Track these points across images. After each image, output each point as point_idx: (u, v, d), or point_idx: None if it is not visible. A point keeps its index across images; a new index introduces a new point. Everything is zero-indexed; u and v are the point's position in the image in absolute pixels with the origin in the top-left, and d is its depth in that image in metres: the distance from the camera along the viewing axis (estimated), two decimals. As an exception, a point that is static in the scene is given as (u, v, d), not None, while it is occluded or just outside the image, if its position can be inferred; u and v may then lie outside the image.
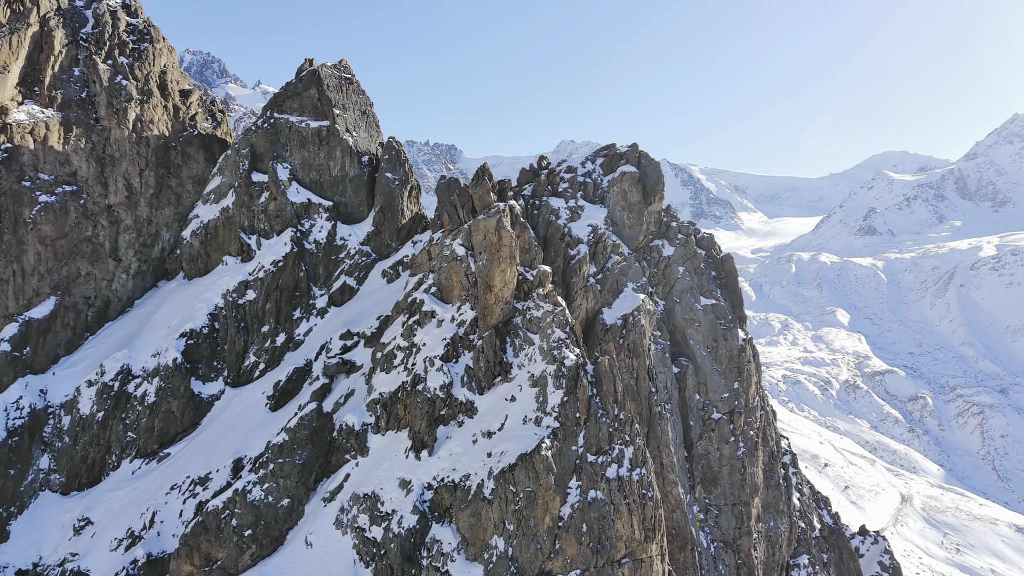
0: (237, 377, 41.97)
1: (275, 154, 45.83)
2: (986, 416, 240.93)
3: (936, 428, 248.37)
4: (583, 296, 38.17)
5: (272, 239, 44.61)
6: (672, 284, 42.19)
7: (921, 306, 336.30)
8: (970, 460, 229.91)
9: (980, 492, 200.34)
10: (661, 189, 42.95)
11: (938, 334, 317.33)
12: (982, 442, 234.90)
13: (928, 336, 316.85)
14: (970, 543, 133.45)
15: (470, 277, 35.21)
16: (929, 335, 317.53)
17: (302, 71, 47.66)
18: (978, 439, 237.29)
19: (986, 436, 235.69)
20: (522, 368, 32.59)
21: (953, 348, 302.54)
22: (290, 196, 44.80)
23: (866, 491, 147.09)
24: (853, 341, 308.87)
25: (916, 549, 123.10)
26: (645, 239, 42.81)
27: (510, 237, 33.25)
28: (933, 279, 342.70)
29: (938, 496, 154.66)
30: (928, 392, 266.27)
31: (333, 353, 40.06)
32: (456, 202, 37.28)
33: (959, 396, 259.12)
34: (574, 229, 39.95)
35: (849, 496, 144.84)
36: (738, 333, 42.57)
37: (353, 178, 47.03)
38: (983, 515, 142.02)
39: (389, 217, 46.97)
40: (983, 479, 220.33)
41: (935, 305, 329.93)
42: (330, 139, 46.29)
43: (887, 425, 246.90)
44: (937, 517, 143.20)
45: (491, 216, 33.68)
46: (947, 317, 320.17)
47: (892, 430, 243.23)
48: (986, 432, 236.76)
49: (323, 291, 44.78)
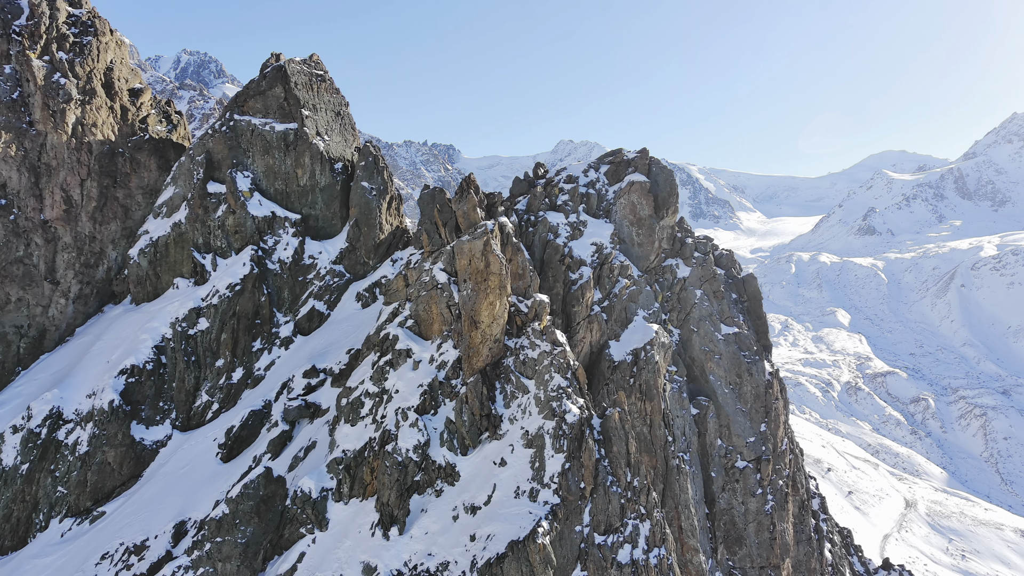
0: (187, 419, 35.92)
1: (235, 161, 39.76)
2: (989, 418, 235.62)
3: (938, 430, 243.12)
4: (587, 328, 32.15)
5: (230, 258, 38.54)
6: (689, 310, 36.17)
7: (922, 306, 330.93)
8: (973, 463, 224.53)
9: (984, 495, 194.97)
10: (675, 201, 36.92)
11: (939, 335, 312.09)
12: (985, 444, 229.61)
13: (929, 337, 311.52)
14: (975, 549, 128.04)
15: (453, 309, 29.21)
16: (930, 336, 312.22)
17: (267, 67, 41.60)
18: (981, 441, 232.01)
19: (989, 438, 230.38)
20: (514, 422, 26.57)
21: (954, 349, 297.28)
22: (251, 209, 38.73)
23: (870, 496, 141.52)
24: (854, 342, 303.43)
25: (921, 555, 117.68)
26: (657, 258, 36.77)
27: (499, 263, 27.22)
28: (934, 279, 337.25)
29: (942, 501, 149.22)
30: (930, 394, 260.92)
31: (295, 394, 34.04)
32: (437, 219, 31.26)
33: (961, 398, 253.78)
34: (576, 249, 33.92)
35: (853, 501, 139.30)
36: (764, 366, 36.57)
37: (324, 188, 40.98)
38: (988, 520, 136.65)
39: (365, 232, 40.92)
40: (986, 482, 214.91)
41: (936, 305, 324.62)
42: (298, 144, 40.24)
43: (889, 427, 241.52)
44: (942, 522, 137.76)
45: (477, 238, 27.66)
46: (948, 318, 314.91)
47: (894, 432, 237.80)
48: (989, 434, 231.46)
49: (288, 317, 38.74)
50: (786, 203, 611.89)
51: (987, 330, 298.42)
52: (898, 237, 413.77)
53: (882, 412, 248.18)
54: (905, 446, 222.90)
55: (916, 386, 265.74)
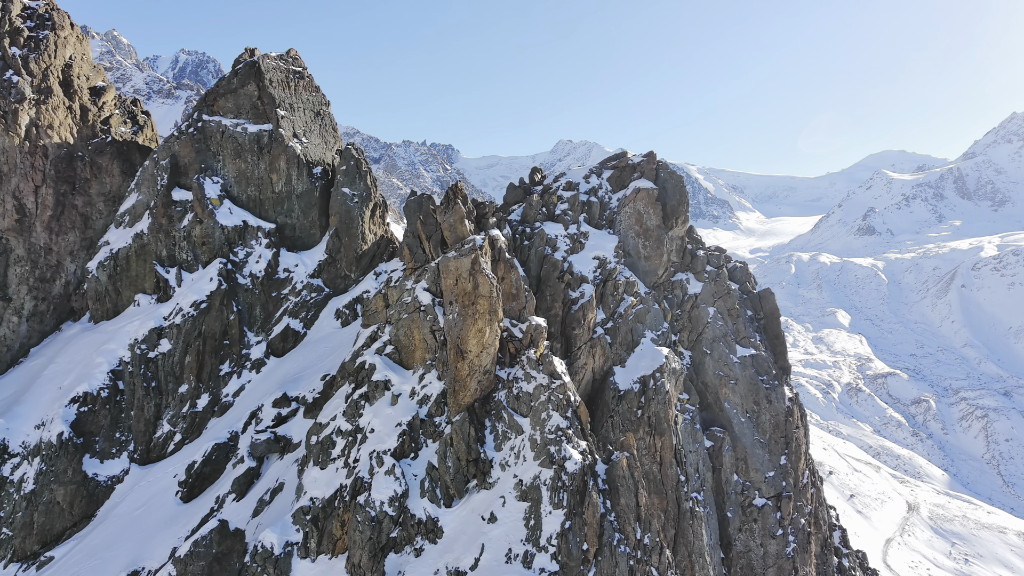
0: (146, 452, 32.26)
1: (203, 165, 36.08)
2: (990, 419, 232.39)
3: (940, 432, 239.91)
4: (588, 353, 28.49)
5: (196, 272, 34.85)
6: (701, 330, 32.53)
7: (922, 307, 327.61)
8: (975, 465, 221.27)
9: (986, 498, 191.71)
10: (685, 209, 33.27)
11: (940, 335, 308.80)
12: (986, 446, 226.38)
13: (930, 338, 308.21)
14: (978, 553, 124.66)
15: (437, 334, 25.56)
16: (931, 336, 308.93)
17: (240, 63, 37.89)
18: (982, 443, 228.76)
19: (990, 440, 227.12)
20: (506, 468, 22.91)
21: (955, 350, 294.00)
22: (220, 218, 35.04)
23: (872, 499, 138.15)
24: (854, 343, 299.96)
25: (924, 560, 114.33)
26: (666, 273, 33.12)
27: (489, 285, 23.57)
28: (934, 279, 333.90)
29: (945, 504, 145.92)
30: (931, 395, 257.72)
31: (264, 425, 30.37)
32: (420, 232, 27.59)
33: (962, 399, 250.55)
34: (576, 264, 30.26)
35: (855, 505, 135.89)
36: (784, 392, 32.94)
37: (302, 194, 37.31)
38: (991, 523, 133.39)
39: (346, 242, 37.25)
40: (988, 484, 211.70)
41: (936, 306, 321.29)
42: (272, 146, 36.56)
43: (890, 429, 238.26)
44: (944, 526, 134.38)
45: (464, 255, 24.00)
46: (949, 318, 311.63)
47: (895, 434, 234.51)
48: (990, 436, 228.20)
49: (260, 337, 35.07)
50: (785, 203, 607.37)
51: (988, 331, 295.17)
52: (898, 237, 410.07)
53: (883, 414, 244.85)
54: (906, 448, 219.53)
55: (917, 387, 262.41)
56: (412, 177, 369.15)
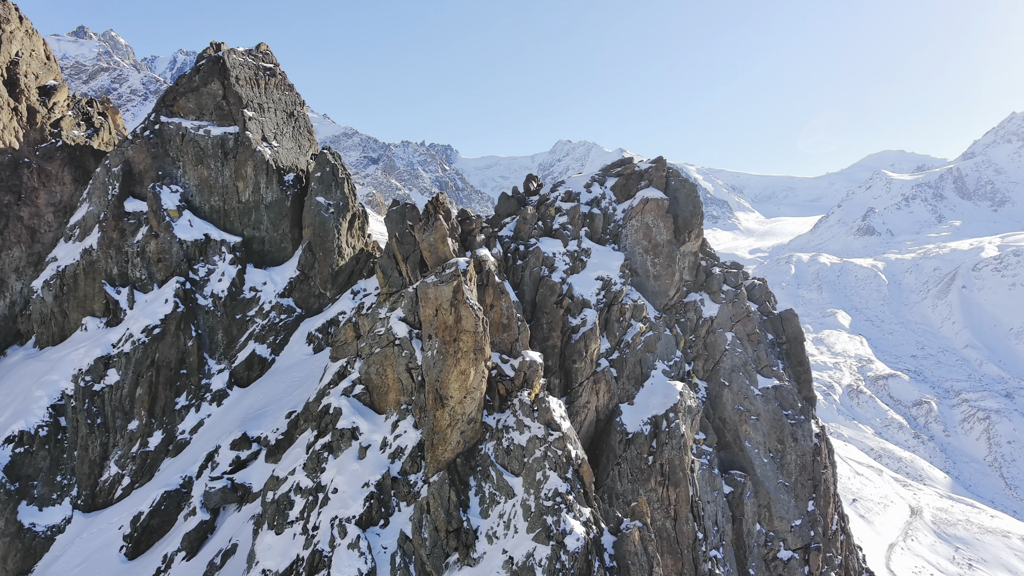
0: (91, 497, 28.27)
1: (160, 173, 32.10)
2: (992, 421, 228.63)
3: (941, 434, 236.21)
4: (591, 389, 24.52)
5: (151, 293, 30.87)
6: (718, 358, 28.56)
7: (923, 308, 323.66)
8: (977, 467, 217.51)
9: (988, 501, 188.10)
10: (699, 222, 29.30)
11: (941, 336, 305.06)
12: (988, 448, 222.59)
13: (931, 339, 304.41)
14: (982, 558, 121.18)
15: (414, 373, 21.60)
16: (932, 338, 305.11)
17: (203, 58, 33.90)
18: (984, 445, 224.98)
19: (992, 442, 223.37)
20: (494, 540, 18.93)
21: (956, 351, 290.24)
22: (178, 231, 31.06)
23: (874, 503, 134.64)
24: (855, 344, 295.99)
25: (928, 565, 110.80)
26: (678, 293, 29.14)
27: (474, 318, 19.60)
28: (935, 280, 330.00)
29: (947, 508, 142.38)
30: (932, 396, 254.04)
31: (221, 470, 26.40)
32: (396, 252, 23.60)
33: (964, 401, 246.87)
34: (577, 286, 26.27)
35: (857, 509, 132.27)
36: (810, 427, 28.99)
37: (271, 204, 33.32)
38: (994, 528, 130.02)
39: (321, 257, 33.28)
40: (991, 487, 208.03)
41: (937, 307, 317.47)
42: (238, 151, 32.58)
43: (891, 431, 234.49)
44: (948, 530, 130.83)
45: (445, 281, 20.03)
46: (949, 319, 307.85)
47: (897, 436, 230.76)
48: (992, 438, 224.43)
49: (222, 365, 31.08)
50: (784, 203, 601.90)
51: (989, 332, 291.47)
52: (898, 237, 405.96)
53: (884, 416, 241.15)
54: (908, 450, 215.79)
55: (918, 389, 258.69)
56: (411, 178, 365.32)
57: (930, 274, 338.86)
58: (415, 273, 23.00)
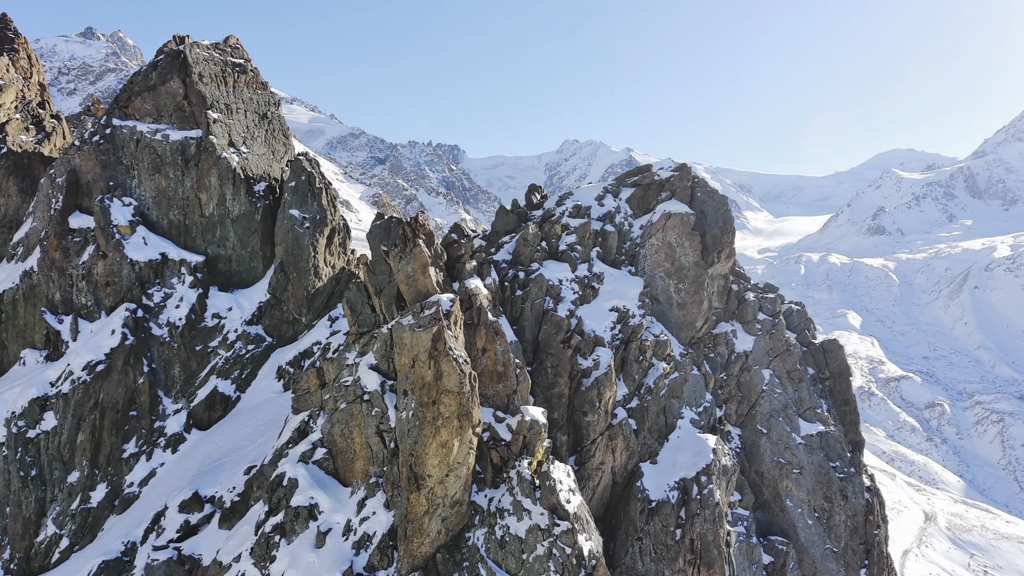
0: (25, 561, 24.06)
1: (112, 183, 27.84)
2: (1006, 424, 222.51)
3: (954, 437, 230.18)
4: (606, 447, 20.06)
5: (98, 322, 26.61)
6: (754, 401, 24.04)
7: (935, 308, 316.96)
8: (991, 471, 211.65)
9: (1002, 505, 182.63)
10: (730, 240, 24.77)
11: (953, 337, 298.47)
12: (1002, 451, 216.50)
13: (943, 340, 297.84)
14: (998, 564, 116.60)
15: (387, 437, 17.21)
16: (943, 338, 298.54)
17: (163, 53, 29.62)
18: (998, 448, 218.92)
19: (1006, 445, 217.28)
20: (483, 664, 14.54)
21: (969, 352, 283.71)
22: (130, 250, 26.78)
23: (888, 509, 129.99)
24: (866, 345, 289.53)
25: (943, 572, 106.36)
26: (706, 324, 24.62)
27: (458, 375, 15.17)
28: (946, 280, 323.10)
29: (962, 513, 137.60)
30: (945, 399, 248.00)
31: (167, 537, 22.10)
32: (367, 283, 19.21)
33: (977, 403, 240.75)
34: (588, 318, 21.81)
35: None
36: (861, 480, 24.43)
37: (239, 218, 29.01)
38: (1010, 534, 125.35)
39: (295, 278, 28.96)
40: (1005, 491, 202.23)
41: (949, 307, 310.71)
42: (201, 157, 28.28)
43: (904, 434, 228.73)
44: (963, 536, 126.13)
45: (424, 326, 15.62)
46: (962, 320, 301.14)
47: (909, 439, 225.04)
48: (1006, 441, 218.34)
49: (179, 404, 26.78)
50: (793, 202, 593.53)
51: (1001, 333, 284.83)
52: (908, 237, 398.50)
53: (896, 418, 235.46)
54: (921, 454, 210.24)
55: (931, 391, 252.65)
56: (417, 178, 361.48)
57: (941, 274, 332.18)
58: (390, 310, 18.60)
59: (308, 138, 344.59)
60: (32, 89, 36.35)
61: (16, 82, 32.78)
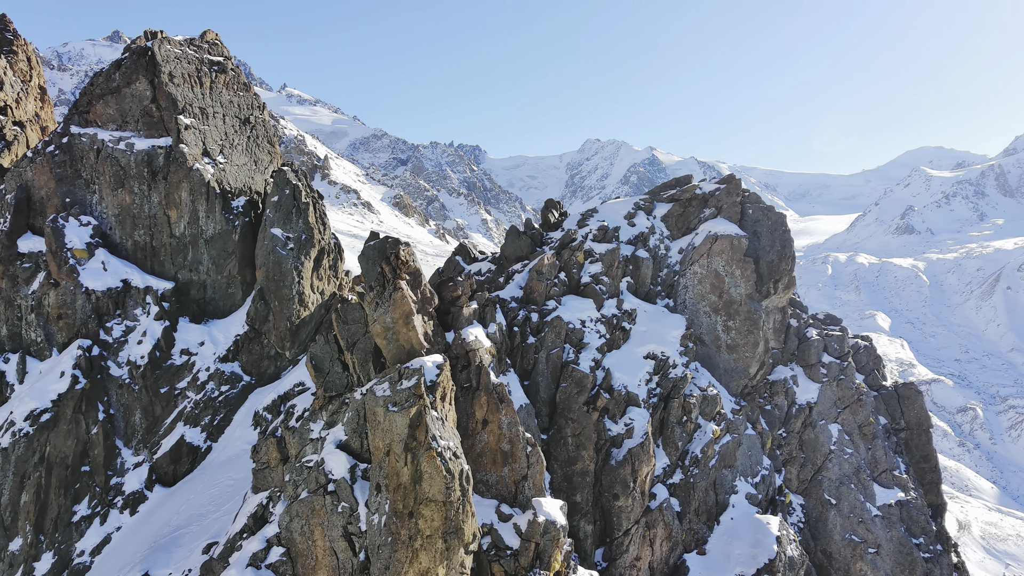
0: (-44, 644, 20.39)
1: (68, 199, 24.07)
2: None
3: (987, 442, 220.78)
4: (642, 539, 15.64)
5: (49, 360, 22.84)
6: (820, 463, 19.43)
7: (966, 310, 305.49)
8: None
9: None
10: (789, 267, 20.14)
11: (985, 340, 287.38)
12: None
13: (974, 342, 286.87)
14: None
15: (356, 543, 12.98)
16: (975, 341, 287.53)
17: (130, 50, 25.77)
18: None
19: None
20: None
21: (1001, 355, 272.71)
22: (86, 278, 22.96)
23: None
24: (895, 347, 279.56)
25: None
26: (761, 368, 20.03)
27: (443, 478, 10.85)
28: (978, 281, 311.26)
29: (997, 522, 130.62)
30: (977, 403, 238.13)
31: (109, 631, 18.17)
32: (336, 332, 15.03)
33: (1011, 407, 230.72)
34: (618, 370, 17.37)
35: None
36: (950, 560, 19.72)
37: (214, 238, 25.05)
38: None
39: (276, 307, 24.92)
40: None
41: (981, 309, 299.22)
42: (170, 169, 24.37)
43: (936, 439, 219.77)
44: (997, 546, 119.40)
45: (398, 404, 11.33)
46: (994, 321, 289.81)
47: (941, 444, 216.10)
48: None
49: (141, 456, 22.89)
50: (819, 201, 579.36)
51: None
52: (938, 236, 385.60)
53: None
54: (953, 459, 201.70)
55: (963, 395, 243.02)
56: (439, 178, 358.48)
57: (973, 274, 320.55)
58: (365, 368, 14.38)
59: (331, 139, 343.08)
60: (31, 93, 33.16)
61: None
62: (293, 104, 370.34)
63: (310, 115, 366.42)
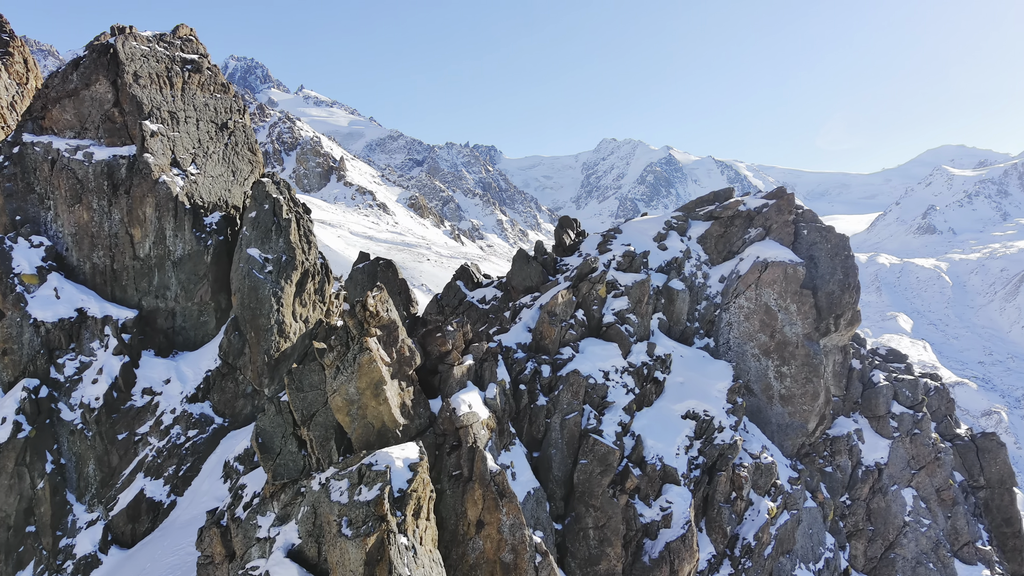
0: None
1: (18, 217, 21.03)
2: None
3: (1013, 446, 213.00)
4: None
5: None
6: (892, 538, 15.77)
7: (990, 311, 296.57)
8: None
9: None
10: (853, 299, 16.50)
11: (1009, 341, 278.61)
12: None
13: (999, 344, 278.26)
14: None
15: None
16: (999, 342, 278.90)
17: (92, 48, 22.70)
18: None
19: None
20: None
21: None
22: (35, 307, 19.89)
23: None
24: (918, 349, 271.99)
25: None
26: (821, 422, 16.36)
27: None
28: (1002, 281, 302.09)
29: None
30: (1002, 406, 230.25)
31: None
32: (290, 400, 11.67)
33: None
34: (649, 436, 13.86)
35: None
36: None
37: (183, 259, 21.88)
38: None
39: (253, 338, 21.66)
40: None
41: (1005, 310, 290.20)
42: (133, 182, 21.23)
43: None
44: None
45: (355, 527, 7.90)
46: (1019, 323, 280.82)
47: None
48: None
49: (95, 512, 19.76)
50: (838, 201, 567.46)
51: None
52: (960, 236, 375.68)
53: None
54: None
55: (987, 398, 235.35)
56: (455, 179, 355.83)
57: (997, 275, 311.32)
58: (326, 448, 11.02)
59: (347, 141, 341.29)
60: (28, 96, 30.53)
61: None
62: (310, 105, 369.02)
63: (327, 116, 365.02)
